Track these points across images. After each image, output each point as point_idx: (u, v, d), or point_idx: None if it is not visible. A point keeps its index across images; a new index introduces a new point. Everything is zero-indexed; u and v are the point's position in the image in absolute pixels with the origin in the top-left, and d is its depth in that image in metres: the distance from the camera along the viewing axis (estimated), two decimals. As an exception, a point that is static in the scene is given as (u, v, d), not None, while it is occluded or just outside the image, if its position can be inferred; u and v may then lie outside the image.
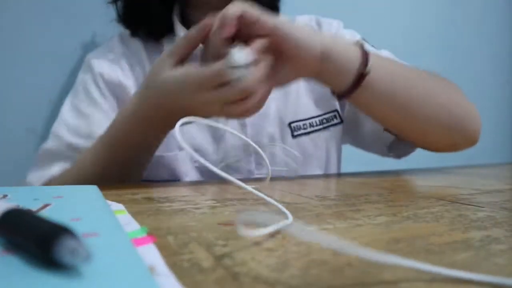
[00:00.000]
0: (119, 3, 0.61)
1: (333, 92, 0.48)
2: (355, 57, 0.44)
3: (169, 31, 0.60)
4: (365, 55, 0.44)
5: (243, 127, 0.58)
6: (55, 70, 0.72)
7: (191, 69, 0.38)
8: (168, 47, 0.58)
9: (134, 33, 0.61)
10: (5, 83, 0.69)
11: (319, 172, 0.62)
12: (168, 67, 0.39)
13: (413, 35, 1.14)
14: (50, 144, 0.56)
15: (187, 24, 0.62)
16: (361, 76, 0.44)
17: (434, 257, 0.19)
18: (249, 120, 0.58)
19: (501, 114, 1.36)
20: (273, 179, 0.53)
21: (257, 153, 0.57)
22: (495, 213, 0.29)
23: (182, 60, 0.40)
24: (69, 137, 0.54)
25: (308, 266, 0.17)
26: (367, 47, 0.46)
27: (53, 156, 0.54)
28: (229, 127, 0.55)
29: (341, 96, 0.47)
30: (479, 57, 1.30)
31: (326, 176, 0.58)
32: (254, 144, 0.38)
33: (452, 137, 0.51)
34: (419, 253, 0.19)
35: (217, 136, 0.57)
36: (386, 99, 0.46)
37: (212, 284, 0.15)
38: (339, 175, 0.61)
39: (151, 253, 0.18)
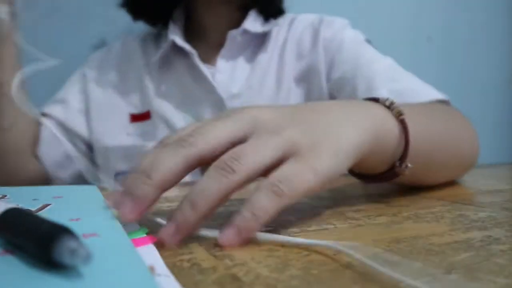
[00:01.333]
0: None
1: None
2: (393, 149, 0.32)
3: (165, 23, 0.63)
4: (406, 146, 0.32)
5: None
6: (55, 69, 0.72)
7: None
8: (163, 44, 0.61)
9: (136, 18, 0.65)
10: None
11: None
12: None
13: (413, 35, 1.14)
14: None
15: (189, 21, 0.64)
16: (394, 171, 0.33)
17: (435, 257, 0.19)
18: None
19: (501, 114, 1.36)
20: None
21: None
22: (496, 213, 0.29)
23: None
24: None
25: (308, 266, 0.17)
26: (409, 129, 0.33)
27: None
28: None
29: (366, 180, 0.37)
30: (479, 58, 1.30)
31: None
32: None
33: (458, 176, 0.47)
34: (420, 253, 0.19)
35: None
36: (418, 174, 0.36)
37: (212, 284, 0.15)
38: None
39: (151, 253, 0.18)
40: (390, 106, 0.32)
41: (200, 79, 0.59)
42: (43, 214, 0.23)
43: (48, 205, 0.25)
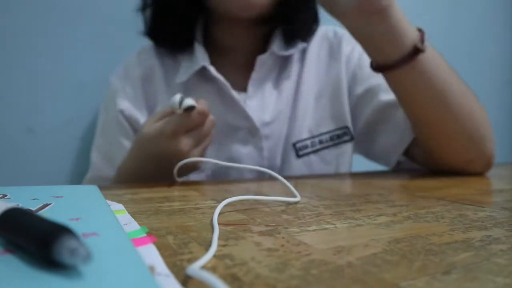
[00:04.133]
0: (146, 14, 0.62)
1: (373, 65, 0.47)
2: (413, 31, 0.44)
3: (188, 45, 0.61)
4: (422, 33, 0.44)
5: (260, 151, 0.59)
6: (55, 70, 0.72)
7: (161, 122, 0.45)
8: (185, 63, 0.60)
9: (158, 44, 0.63)
10: (5, 83, 0.69)
11: None
12: (150, 123, 0.46)
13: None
14: (91, 176, 0.62)
15: (209, 40, 0.63)
16: (415, 50, 0.43)
17: (434, 257, 0.19)
18: (265, 145, 0.59)
19: (501, 114, 1.36)
20: (272, 179, 0.53)
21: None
22: (496, 213, 0.29)
23: (160, 119, 0.46)
24: (108, 170, 0.60)
25: (308, 266, 0.17)
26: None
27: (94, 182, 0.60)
28: (248, 151, 0.59)
29: (384, 68, 0.46)
30: (479, 57, 1.30)
31: (327, 176, 0.58)
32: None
33: (470, 152, 0.50)
34: (420, 253, 0.19)
35: (232, 161, 0.59)
36: (427, 84, 0.45)
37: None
38: (339, 175, 0.61)
39: (151, 253, 0.18)
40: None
41: (233, 107, 0.59)
42: (43, 213, 0.23)
43: (48, 204, 0.26)
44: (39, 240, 0.14)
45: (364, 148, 0.66)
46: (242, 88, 0.61)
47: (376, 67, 0.47)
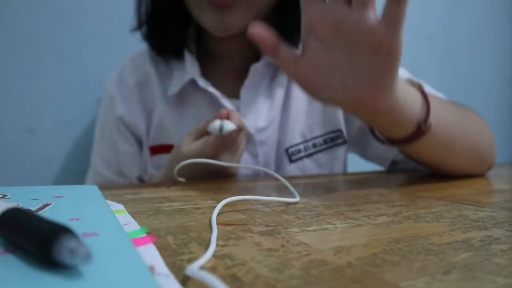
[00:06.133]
0: (143, 28, 0.62)
1: (375, 136, 0.45)
2: (418, 109, 0.40)
3: (181, 54, 0.61)
4: (428, 107, 0.40)
5: (255, 157, 0.59)
6: (55, 70, 0.72)
7: (200, 143, 0.46)
8: (178, 72, 0.60)
9: (159, 52, 0.62)
10: (5, 83, 0.69)
11: None
12: (187, 143, 0.47)
13: (413, 35, 1.14)
14: (92, 180, 0.62)
15: (201, 48, 0.62)
16: (420, 130, 0.40)
17: (435, 257, 0.19)
18: (260, 151, 0.59)
19: (501, 114, 1.36)
20: (272, 179, 0.53)
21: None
22: (496, 213, 0.29)
23: (197, 138, 0.48)
24: (108, 174, 0.62)
25: (308, 266, 0.17)
26: (427, 91, 0.42)
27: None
28: (243, 157, 0.58)
29: (387, 143, 0.44)
30: (480, 57, 1.30)
31: (327, 176, 0.58)
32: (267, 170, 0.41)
33: (475, 169, 0.51)
34: (420, 253, 0.19)
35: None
36: (435, 146, 0.44)
37: (212, 284, 0.15)
38: (339, 175, 0.61)
39: (151, 253, 0.18)
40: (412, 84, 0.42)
41: None
42: (43, 213, 0.23)
43: (48, 204, 0.25)
44: (39, 240, 0.14)
45: (360, 149, 0.66)
46: (235, 95, 0.61)
47: (379, 140, 0.45)
